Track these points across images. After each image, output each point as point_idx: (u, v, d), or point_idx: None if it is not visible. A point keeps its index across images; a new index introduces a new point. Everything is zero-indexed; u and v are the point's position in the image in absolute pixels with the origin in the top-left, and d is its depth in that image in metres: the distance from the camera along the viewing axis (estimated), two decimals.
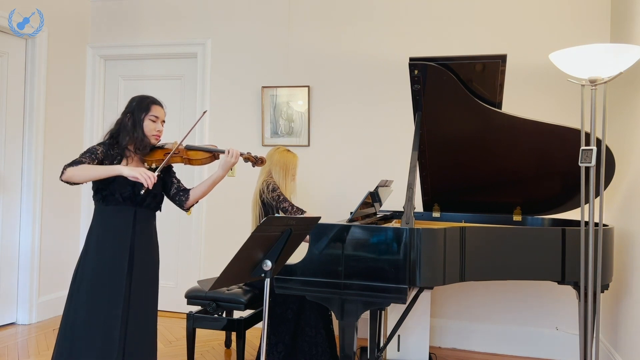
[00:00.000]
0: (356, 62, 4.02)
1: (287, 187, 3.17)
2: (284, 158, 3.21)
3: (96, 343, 2.19)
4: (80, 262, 2.30)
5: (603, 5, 3.56)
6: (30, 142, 4.04)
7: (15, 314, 4.04)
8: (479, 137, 2.93)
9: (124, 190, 2.26)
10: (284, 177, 3.16)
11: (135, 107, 2.35)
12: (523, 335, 3.65)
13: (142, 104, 2.36)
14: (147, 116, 2.34)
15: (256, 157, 2.51)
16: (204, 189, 2.43)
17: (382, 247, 2.32)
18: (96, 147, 2.29)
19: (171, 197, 2.47)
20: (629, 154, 3.03)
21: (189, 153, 2.39)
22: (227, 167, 2.37)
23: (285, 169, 3.18)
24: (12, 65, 3.97)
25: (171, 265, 4.41)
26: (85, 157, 2.23)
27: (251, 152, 2.57)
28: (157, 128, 2.36)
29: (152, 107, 2.35)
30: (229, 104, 4.28)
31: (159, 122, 2.37)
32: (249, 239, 1.75)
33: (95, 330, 2.20)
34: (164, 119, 2.41)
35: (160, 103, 2.41)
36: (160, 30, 4.46)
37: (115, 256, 2.26)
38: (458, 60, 2.67)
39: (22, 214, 4.05)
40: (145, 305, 2.34)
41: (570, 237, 2.57)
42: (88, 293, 2.23)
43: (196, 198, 2.45)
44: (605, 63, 2.33)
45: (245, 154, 2.48)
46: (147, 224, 2.38)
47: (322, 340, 2.98)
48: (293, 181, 3.24)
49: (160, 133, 2.39)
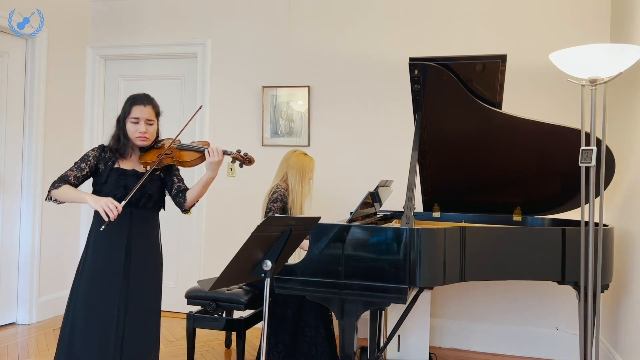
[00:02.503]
0: (356, 62, 4.02)
1: (302, 191, 3.13)
2: (302, 162, 3.16)
3: (93, 343, 2.18)
4: (80, 262, 2.30)
5: (603, 5, 3.56)
6: (30, 142, 4.05)
7: (15, 314, 4.04)
8: (479, 137, 2.93)
9: (117, 191, 2.24)
10: (300, 180, 3.12)
11: (122, 109, 2.31)
12: (523, 335, 3.65)
13: (125, 106, 2.30)
14: (129, 119, 2.27)
15: (245, 156, 2.37)
16: (198, 191, 2.35)
17: (382, 247, 2.32)
18: (89, 152, 2.30)
19: (172, 198, 2.42)
20: (629, 154, 3.03)
21: (181, 154, 2.32)
22: (213, 167, 2.28)
23: (302, 173, 3.13)
24: (12, 65, 3.97)
25: (171, 265, 4.41)
26: (72, 169, 2.25)
27: (247, 151, 2.45)
28: (140, 129, 2.27)
29: (132, 109, 2.27)
30: (229, 104, 4.28)
31: (141, 123, 2.27)
32: (249, 239, 1.75)
33: (93, 331, 2.19)
34: (150, 118, 2.30)
35: (144, 101, 2.29)
36: (160, 30, 4.46)
37: (110, 257, 2.25)
38: (458, 60, 2.67)
39: (22, 214, 4.05)
40: (145, 305, 2.32)
41: (570, 237, 2.57)
42: (86, 294, 2.23)
43: (193, 200, 2.38)
44: (605, 63, 2.33)
45: (234, 153, 2.35)
46: (146, 225, 2.34)
47: (322, 340, 2.98)
48: (308, 185, 3.20)
49: (145, 134, 2.28)
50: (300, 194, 3.12)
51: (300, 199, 3.11)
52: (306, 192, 3.17)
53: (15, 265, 4.02)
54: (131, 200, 2.22)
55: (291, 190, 3.11)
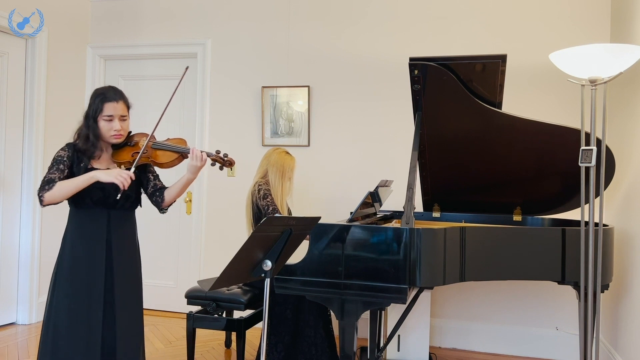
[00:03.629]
0: (356, 62, 4.02)
1: (282, 189, 3.14)
2: (282, 160, 3.17)
3: (79, 348, 2.14)
4: (56, 267, 2.22)
5: (603, 5, 3.56)
6: (30, 142, 4.05)
7: (15, 314, 4.04)
8: (479, 137, 2.93)
9: (94, 194, 2.16)
10: (280, 178, 3.13)
11: (90, 106, 2.17)
12: (523, 335, 3.65)
13: (95, 102, 2.17)
14: (101, 117, 2.16)
15: (224, 157, 2.30)
16: (177, 191, 2.30)
17: (382, 247, 2.32)
18: (61, 153, 2.17)
19: (149, 197, 2.36)
20: (629, 154, 3.03)
21: (157, 154, 2.25)
22: (195, 170, 2.23)
23: (281, 171, 3.14)
24: (12, 65, 3.97)
25: (171, 265, 4.41)
26: (53, 172, 2.12)
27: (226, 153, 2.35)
28: (115, 127, 2.17)
29: (104, 107, 2.15)
30: (229, 104, 4.28)
31: (115, 120, 2.17)
32: (249, 239, 1.76)
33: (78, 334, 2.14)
34: (123, 114, 2.20)
35: (116, 98, 2.18)
36: (160, 30, 4.46)
37: (91, 259, 2.18)
38: (458, 60, 2.67)
39: (22, 214, 4.05)
40: (130, 306, 2.28)
41: (570, 237, 2.57)
42: (68, 297, 2.16)
43: (171, 200, 2.33)
44: (605, 63, 2.33)
45: (213, 155, 2.27)
46: (124, 225, 2.29)
47: (322, 340, 2.98)
48: (289, 182, 3.21)
49: (120, 131, 2.19)
50: (281, 192, 3.12)
51: (280, 197, 3.11)
52: (286, 190, 3.17)
53: (15, 265, 4.01)
54: (109, 202, 2.19)
55: (271, 187, 3.11)
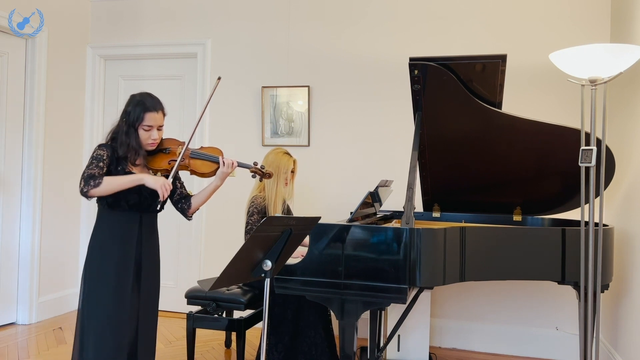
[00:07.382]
0: (356, 62, 4.02)
1: (277, 190, 3.05)
2: (278, 160, 3.09)
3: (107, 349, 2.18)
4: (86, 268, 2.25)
5: (603, 5, 3.56)
6: (30, 142, 4.04)
7: (15, 314, 4.04)
8: (479, 137, 2.93)
9: (131, 197, 2.23)
10: (274, 179, 3.04)
11: (130, 113, 2.24)
12: (523, 335, 3.65)
13: (136, 111, 2.24)
14: (141, 126, 2.24)
15: (263, 170, 2.42)
16: (203, 198, 2.43)
17: (382, 247, 2.32)
18: (100, 152, 2.21)
19: (174, 203, 2.45)
20: (629, 154, 3.03)
21: (195, 163, 2.33)
22: (223, 177, 2.35)
23: (276, 172, 3.04)
24: (12, 65, 3.97)
25: (171, 265, 4.41)
26: (93, 168, 2.16)
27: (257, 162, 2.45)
28: (152, 137, 2.27)
29: (145, 116, 2.23)
30: (229, 104, 4.28)
31: (153, 130, 2.26)
32: (249, 238, 1.76)
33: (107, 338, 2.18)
34: (161, 124, 2.30)
35: (156, 108, 2.27)
36: (160, 30, 4.46)
37: (121, 262, 2.23)
38: (458, 60, 2.66)
39: (22, 214, 4.05)
40: (152, 307, 2.37)
41: (570, 237, 2.57)
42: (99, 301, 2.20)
43: (197, 206, 2.45)
44: (605, 63, 2.33)
45: (252, 167, 2.40)
46: (152, 228, 2.38)
47: (322, 340, 2.98)
48: (285, 186, 3.11)
49: (156, 140, 2.30)
50: (275, 193, 3.05)
51: (274, 198, 3.05)
52: (281, 191, 3.08)
53: (15, 265, 4.01)
54: (143, 207, 2.28)
55: (266, 188, 3.08)
